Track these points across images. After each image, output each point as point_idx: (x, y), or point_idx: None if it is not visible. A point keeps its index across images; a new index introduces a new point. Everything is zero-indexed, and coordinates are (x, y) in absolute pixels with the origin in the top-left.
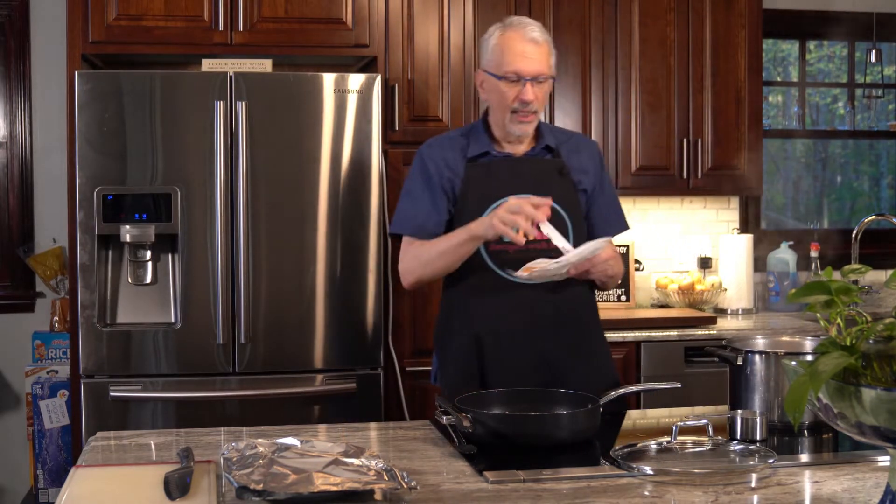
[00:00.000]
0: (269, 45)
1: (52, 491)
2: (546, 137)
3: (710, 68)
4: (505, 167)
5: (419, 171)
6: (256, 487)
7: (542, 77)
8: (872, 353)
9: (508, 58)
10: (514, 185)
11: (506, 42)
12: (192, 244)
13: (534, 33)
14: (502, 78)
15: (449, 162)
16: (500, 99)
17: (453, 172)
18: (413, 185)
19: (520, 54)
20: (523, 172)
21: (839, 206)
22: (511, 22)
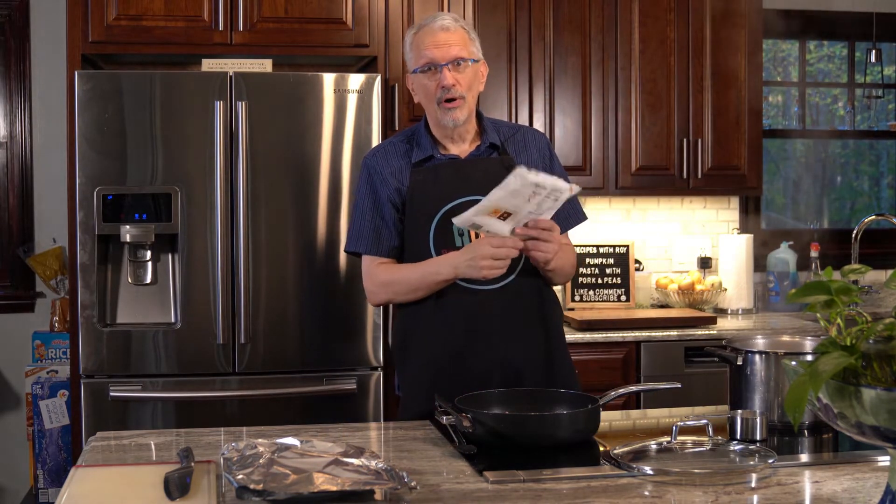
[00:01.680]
0: (269, 45)
1: (52, 491)
2: (489, 135)
3: (710, 68)
4: (451, 170)
5: (366, 185)
6: (256, 487)
7: (461, 60)
8: (872, 353)
9: (422, 50)
10: (461, 188)
11: (419, 38)
12: (192, 244)
13: (444, 20)
14: (420, 71)
15: (394, 171)
16: (425, 93)
17: (399, 181)
18: (362, 200)
19: (431, 43)
20: (470, 174)
21: (839, 206)
22: (423, 20)
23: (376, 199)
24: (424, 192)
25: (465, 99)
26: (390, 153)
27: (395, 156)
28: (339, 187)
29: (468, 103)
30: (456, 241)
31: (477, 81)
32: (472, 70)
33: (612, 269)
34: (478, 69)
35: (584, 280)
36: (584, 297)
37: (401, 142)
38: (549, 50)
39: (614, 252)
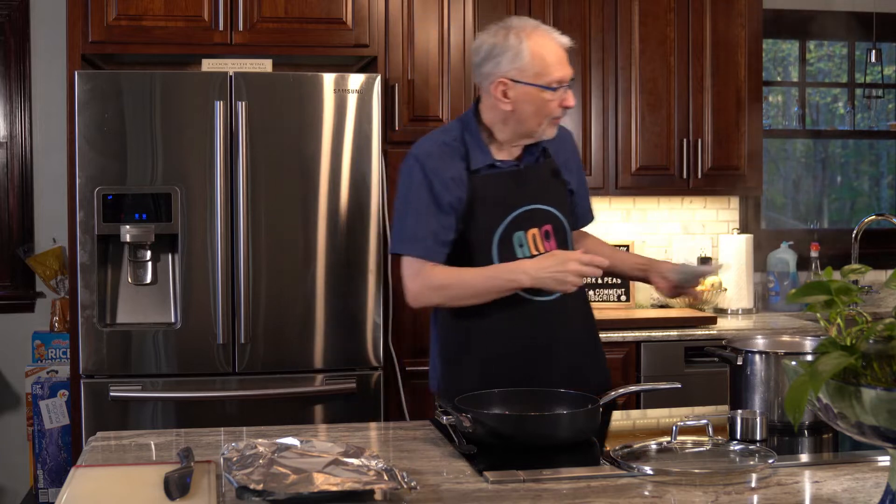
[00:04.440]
0: (269, 45)
1: (52, 491)
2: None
3: (710, 68)
4: (511, 179)
5: (423, 186)
6: (256, 487)
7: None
8: (872, 353)
9: (551, 66)
10: (523, 198)
11: (543, 50)
12: (192, 244)
13: (565, 38)
14: (546, 87)
15: (455, 176)
16: (539, 108)
17: (460, 188)
18: (416, 201)
19: (560, 62)
20: (527, 182)
21: (839, 206)
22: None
23: (437, 203)
24: (487, 201)
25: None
26: (447, 155)
27: (453, 158)
28: (339, 187)
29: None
30: (517, 253)
31: None
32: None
33: None
34: None
35: None
36: None
37: (455, 141)
38: None
39: None
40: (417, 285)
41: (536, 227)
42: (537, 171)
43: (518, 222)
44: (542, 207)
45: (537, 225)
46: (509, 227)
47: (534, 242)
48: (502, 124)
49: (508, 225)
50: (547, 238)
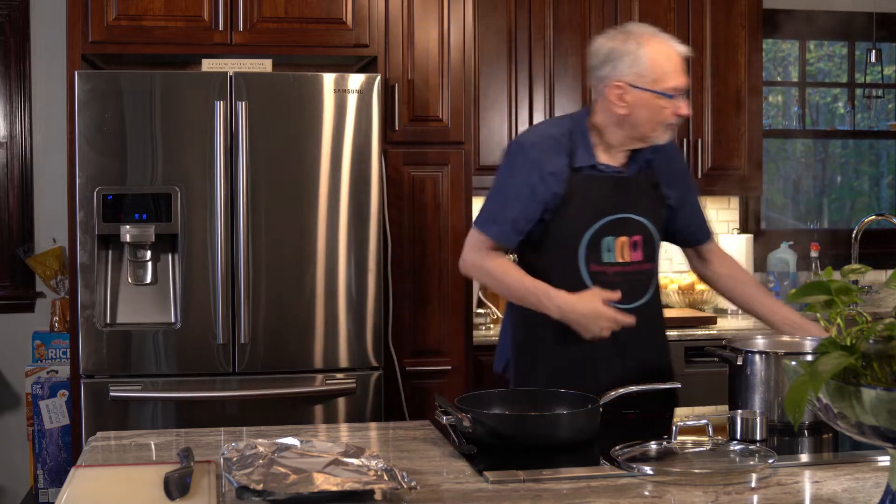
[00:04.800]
0: (269, 45)
1: (52, 491)
2: (645, 150)
3: (710, 68)
4: (610, 185)
5: (523, 172)
6: (256, 487)
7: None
8: (872, 353)
9: (670, 74)
10: (617, 203)
11: (661, 56)
12: (192, 244)
13: (683, 47)
14: (662, 94)
15: (555, 171)
16: (653, 114)
17: (557, 184)
18: (507, 186)
19: (677, 70)
20: (625, 191)
21: (839, 206)
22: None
23: (527, 193)
24: (583, 201)
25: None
26: (551, 149)
27: (557, 153)
28: (338, 187)
29: None
30: (603, 257)
31: None
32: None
33: None
34: None
35: None
36: None
37: (562, 136)
38: (549, 50)
39: None
40: (472, 259)
41: (627, 235)
42: (638, 181)
43: (610, 227)
44: (635, 217)
45: (628, 234)
46: (601, 230)
47: (621, 250)
48: (615, 127)
49: (601, 228)
50: (634, 248)
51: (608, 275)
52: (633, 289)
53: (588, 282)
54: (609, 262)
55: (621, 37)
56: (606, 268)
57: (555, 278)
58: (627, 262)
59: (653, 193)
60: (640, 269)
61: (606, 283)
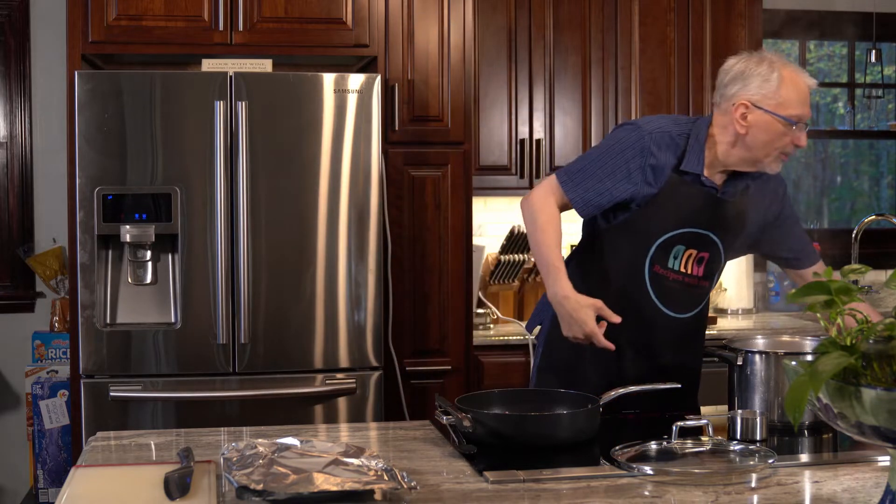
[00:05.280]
0: (269, 45)
1: (52, 491)
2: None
3: (710, 68)
4: (704, 199)
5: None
6: (256, 487)
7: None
8: (872, 353)
9: (796, 101)
10: (702, 218)
11: (791, 84)
12: (192, 244)
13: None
14: (786, 119)
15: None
16: (771, 139)
17: (657, 178)
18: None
19: (803, 100)
20: (715, 211)
21: (839, 206)
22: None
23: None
24: (673, 205)
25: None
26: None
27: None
28: (338, 187)
29: None
30: (669, 262)
31: None
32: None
33: None
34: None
35: None
36: None
37: (680, 136)
38: (549, 50)
39: None
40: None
41: (697, 249)
42: (733, 205)
43: (686, 238)
44: (710, 236)
45: (699, 248)
46: (677, 237)
47: (686, 261)
48: (729, 146)
49: (677, 235)
50: (699, 263)
51: (668, 279)
52: (685, 300)
53: (647, 279)
54: (672, 268)
55: (755, 59)
56: (668, 273)
57: (613, 264)
58: (688, 274)
59: (736, 218)
60: (698, 284)
61: (662, 287)
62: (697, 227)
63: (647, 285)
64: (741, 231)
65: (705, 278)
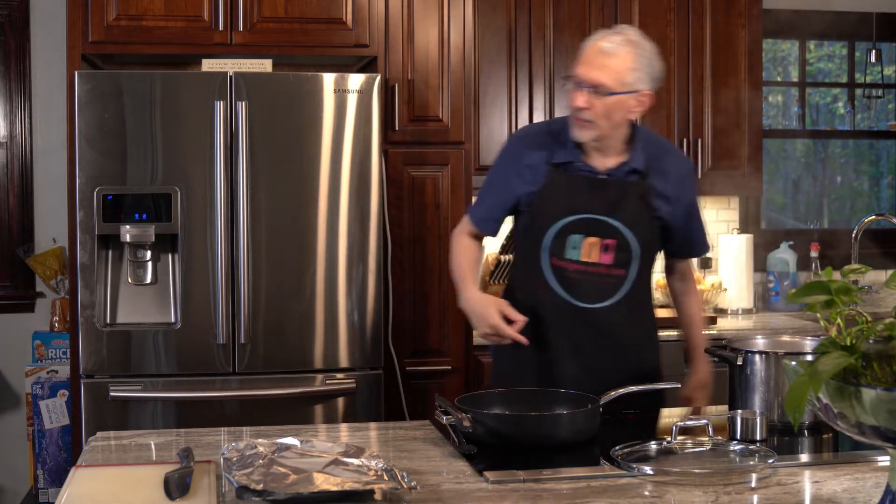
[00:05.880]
0: (269, 45)
1: (52, 491)
2: (635, 158)
3: (710, 68)
4: (585, 184)
5: (504, 163)
6: (256, 487)
7: (601, 89)
8: (872, 353)
9: (578, 62)
10: (589, 205)
11: (586, 47)
12: (192, 244)
13: (608, 41)
14: (568, 79)
15: (532, 164)
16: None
17: (534, 176)
18: (492, 175)
19: (584, 60)
20: (602, 194)
21: (839, 206)
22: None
23: (506, 185)
24: (555, 196)
25: (595, 124)
26: (536, 143)
27: (540, 148)
28: (339, 187)
29: (599, 129)
30: (567, 254)
31: (621, 110)
32: (613, 100)
33: None
34: (624, 100)
35: None
36: None
37: (550, 133)
38: (549, 50)
39: None
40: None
41: (599, 237)
42: (621, 187)
43: (580, 226)
44: (609, 222)
45: (601, 236)
46: (569, 227)
47: (588, 250)
48: None
49: (568, 225)
50: (605, 251)
51: (568, 271)
52: (594, 290)
53: (548, 273)
54: (572, 259)
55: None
56: (568, 264)
57: (522, 267)
58: (593, 263)
59: (639, 203)
60: (609, 273)
61: (566, 279)
62: (591, 213)
63: (550, 279)
64: (648, 213)
65: (617, 266)
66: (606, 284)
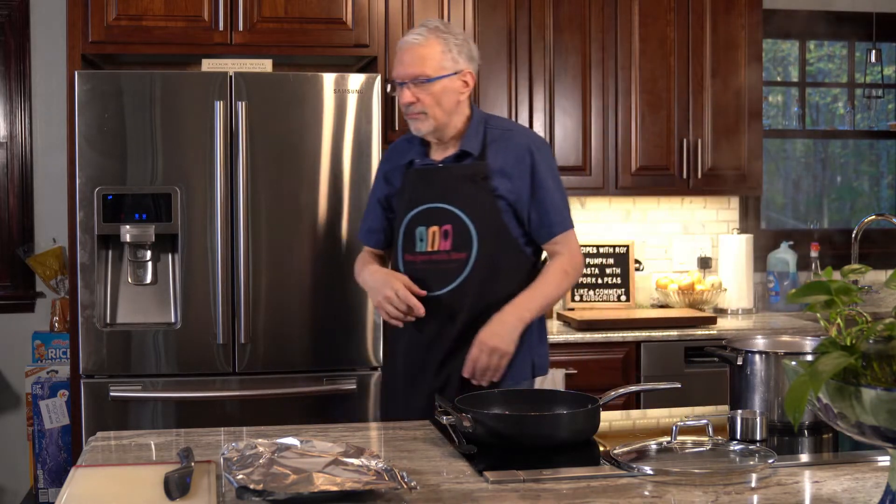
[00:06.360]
0: (269, 45)
1: (52, 491)
2: (468, 142)
3: (710, 68)
4: (421, 177)
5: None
6: (256, 487)
7: (421, 79)
8: (872, 353)
9: (397, 62)
10: (425, 195)
11: (399, 47)
12: (192, 244)
13: (416, 35)
14: (392, 84)
15: (391, 170)
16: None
17: (396, 181)
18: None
19: (398, 60)
20: (435, 182)
21: (839, 206)
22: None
23: (374, 195)
24: (402, 195)
25: (428, 114)
26: (396, 152)
27: (397, 155)
28: (339, 187)
29: (434, 117)
30: (416, 247)
31: (448, 94)
32: (438, 86)
33: (612, 269)
34: (449, 83)
35: (584, 280)
36: (583, 297)
37: (405, 141)
38: (549, 50)
39: (614, 252)
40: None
41: (438, 225)
42: (452, 171)
43: (422, 218)
44: (445, 207)
45: (438, 223)
46: (414, 220)
47: (433, 239)
48: None
49: (413, 219)
50: (445, 237)
51: (417, 263)
52: (438, 277)
53: (402, 271)
54: (421, 251)
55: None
56: (417, 256)
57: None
58: (436, 251)
59: (473, 185)
60: (450, 259)
61: (415, 272)
62: (428, 202)
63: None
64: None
65: (457, 250)
66: (448, 270)
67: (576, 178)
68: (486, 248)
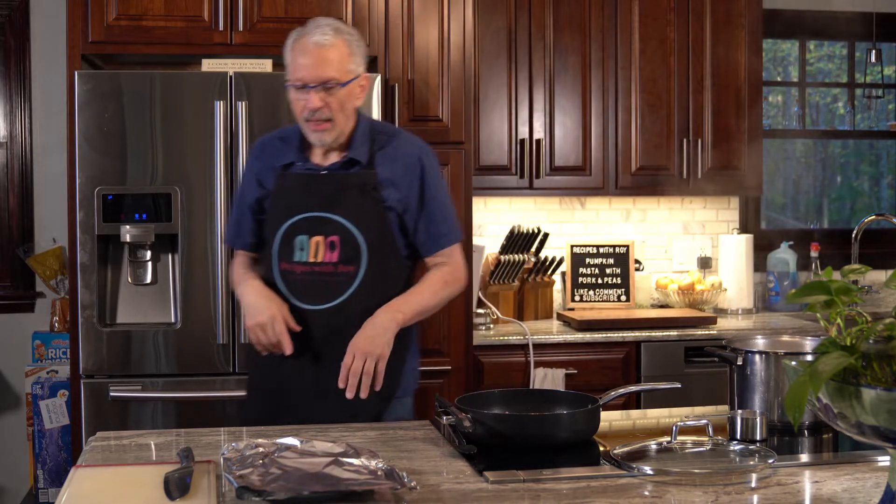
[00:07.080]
0: (269, 44)
1: (52, 491)
2: (355, 149)
3: (710, 68)
4: (302, 183)
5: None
6: (256, 487)
7: (332, 83)
8: (872, 353)
9: (294, 65)
10: (307, 204)
11: (295, 48)
12: (192, 244)
13: (321, 35)
14: (291, 86)
15: (262, 170)
16: (296, 108)
17: (266, 182)
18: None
19: (303, 62)
20: (319, 190)
21: (839, 206)
22: (305, 26)
23: (242, 196)
24: (279, 200)
25: (334, 121)
26: (265, 152)
27: (267, 154)
28: None
29: (338, 124)
30: (295, 256)
31: (352, 99)
32: (345, 91)
33: (612, 269)
34: (353, 87)
35: (584, 280)
36: (583, 297)
37: (276, 139)
38: (549, 50)
39: (614, 252)
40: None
41: (323, 235)
42: (339, 180)
43: (304, 226)
44: (331, 217)
45: (324, 234)
46: (293, 228)
47: (315, 249)
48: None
49: (293, 226)
50: (331, 249)
51: (296, 274)
52: (321, 290)
53: (278, 279)
54: (300, 261)
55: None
56: (295, 266)
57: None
58: (320, 263)
59: (361, 195)
60: (336, 271)
61: (294, 282)
62: (311, 211)
63: (279, 284)
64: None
65: (344, 263)
66: (334, 284)
67: (576, 178)
68: (374, 261)
